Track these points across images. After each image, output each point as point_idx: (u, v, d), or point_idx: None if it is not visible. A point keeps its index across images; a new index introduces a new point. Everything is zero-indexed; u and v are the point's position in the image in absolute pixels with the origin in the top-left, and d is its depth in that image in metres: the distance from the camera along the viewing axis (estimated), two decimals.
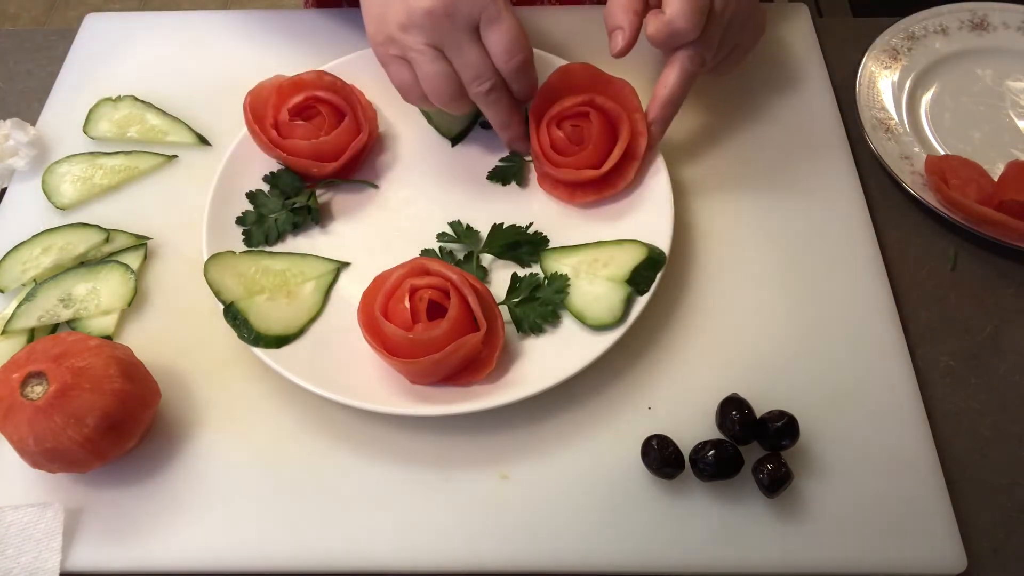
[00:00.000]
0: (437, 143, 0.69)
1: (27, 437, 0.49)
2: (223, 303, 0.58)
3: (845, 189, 0.66)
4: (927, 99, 0.73)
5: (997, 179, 0.65)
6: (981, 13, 0.76)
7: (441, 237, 0.63)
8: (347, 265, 0.63)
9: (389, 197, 0.66)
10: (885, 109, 0.71)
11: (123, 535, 0.53)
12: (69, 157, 0.70)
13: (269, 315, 0.58)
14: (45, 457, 0.50)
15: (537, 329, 0.58)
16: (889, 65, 0.74)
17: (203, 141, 0.71)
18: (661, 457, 0.52)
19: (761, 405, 0.54)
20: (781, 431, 0.52)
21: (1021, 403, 0.58)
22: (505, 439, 0.56)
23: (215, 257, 0.60)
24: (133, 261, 0.63)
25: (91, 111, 0.72)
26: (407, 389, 0.55)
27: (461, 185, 0.67)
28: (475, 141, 0.69)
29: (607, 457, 0.55)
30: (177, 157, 0.70)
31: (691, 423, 0.55)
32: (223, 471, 0.55)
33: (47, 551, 0.51)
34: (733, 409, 0.53)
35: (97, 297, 0.61)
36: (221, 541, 0.53)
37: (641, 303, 0.57)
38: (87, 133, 0.71)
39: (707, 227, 0.65)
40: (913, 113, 0.72)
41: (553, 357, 0.56)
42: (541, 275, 0.60)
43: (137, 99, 0.73)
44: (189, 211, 0.65)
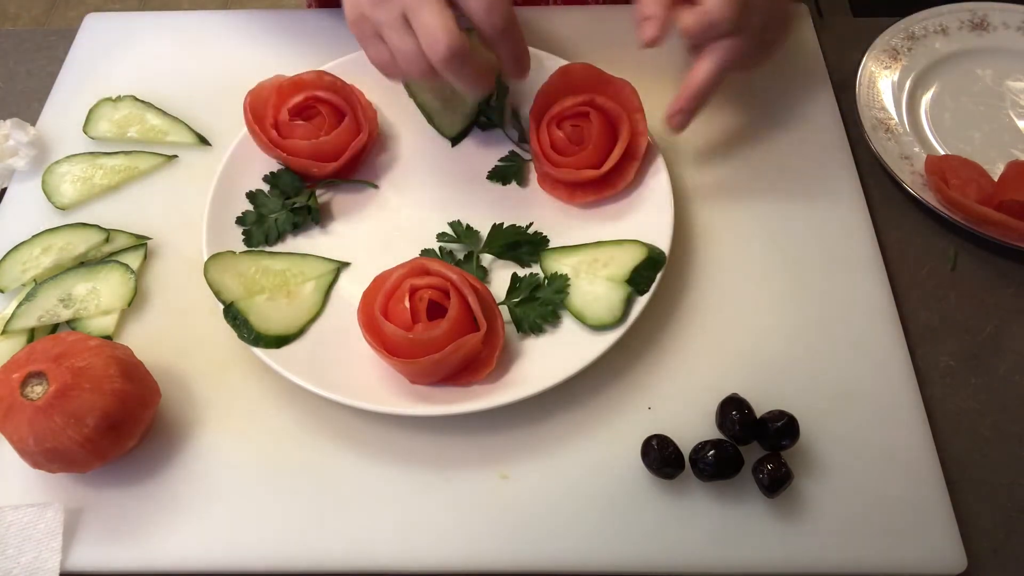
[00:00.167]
0: (437, 143, 0.69)
1: (27, 437, 0.49)
2: (223, 303, 0.58)
3: (845, 189, 0.66)
4: (927, 99, 0.73)
5: (997, 179, 0.65)
6: (981, 13, 0.76)
7: (441, 237, 0.63)
8: (347, 265, 0.63)
9: (389, 197, 0.66)
10: (885, 109, 0.71)
11: (123, 535, 0.53)
12: (69, 157, 0.70)
13: (269, 315, 0.58)
14: (45, 457, 0.50)
15: (537, 329, 0.58)
16: (889, 65, 0.74)
17: (203, 141, 0.71)
18: (661, 457, 0.52)
19: (761, 405, 0.54)
20: (781, 431, 0.52)
21: (1021, 403, 0.58)
22: (505, 439, 0.56)
23: (215, 257, 0.60)
24: (133, 261, 0.63)
25: (91, 111, 0.72)
26: (407, 389, 0.55)
27: (461, 185, 0.67)
28: (475, 141, 0.69)
29: (607, 457, 0.55)
30: (177, 157, 0.70)
31: (691, 423, 0.55)
32: (223, 471, 0.55)
33: (47, 551, 0.51)
34: (733, 409, 0.53)
35: (97, 297, 0.61)
36: (221, 541, 0.53)
37: (641, 303, 0.57)
38: (87, 133, 0.71)
39: (707, 227, 0.65)
40: (913, 113, 0.72)
41: (553, 357, 0.56)
42: (541, 275, 0.60)
43: (137, 99, 0.73)
44: (189, 211, 0.65)
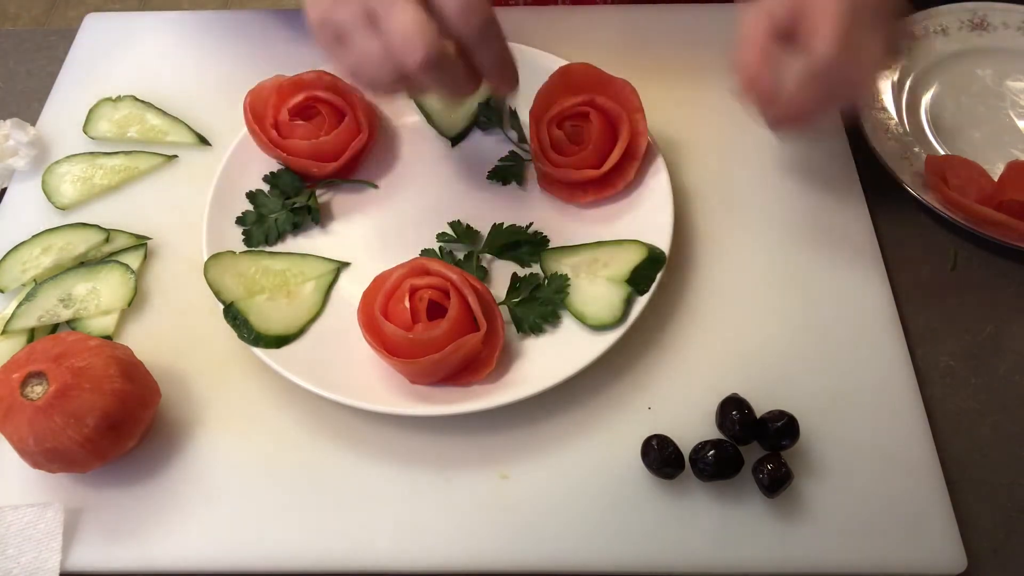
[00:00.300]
0: (437, 143, 0.69)
1: (27, 437, 0.49)
2: (223, 303, 0.58)
3: (845, 189, 0.66)
4: (927, 99, 0.73)
5: (997, 179, 0.65)
6: (981, 13, 0.76)
7: (441, 237, 0.63)
8: (347, 265, 0.63)
9: (389, 197, 0.66)
10: (885, 109, 0.71)
11: (123, 535, 0.53)
12: (69, 157, 0.70)
13: (269, 315, 0.58)
14: (45, 457, 0.50)
15: (537, 329, 0.58)
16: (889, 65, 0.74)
17: (203, 141, 0.71)
18: (661, 457, 0.52)
19: (761, 405, 0.54)
20: (781, 431, 0.52)
21: (1021, 403, 0.58)
22: (505, 439, 0.56)
23: (215, 257, 0.60)
24: (133, 261, 0.63)
25: (91, 111, 0.72)
26: (407, 389, 0.55)
27: (461, 185, 0.67)
28: (475, 141, 0.69)
29: (607, 457, 0.55)
30: (177, 157, 0.70)
31: (691, 423, 0.55)
32: (223, 471, 0.55)
33: (47, 551, 0.51)
34: (733, 409, 0.53)
35: (97, 297, 0.61)
36: (221, 541, 0.53)
37: (641, 303, 0.57)
38: (87, 133, 0.71)
39: (707, 227, 0.65)
40: (913, 113, 0.72)
41: (553, 357, 0.56)
42: (541, 275, 0.60)
43: (137, 99, 0.73)
44: (189, 211, 0.65)
